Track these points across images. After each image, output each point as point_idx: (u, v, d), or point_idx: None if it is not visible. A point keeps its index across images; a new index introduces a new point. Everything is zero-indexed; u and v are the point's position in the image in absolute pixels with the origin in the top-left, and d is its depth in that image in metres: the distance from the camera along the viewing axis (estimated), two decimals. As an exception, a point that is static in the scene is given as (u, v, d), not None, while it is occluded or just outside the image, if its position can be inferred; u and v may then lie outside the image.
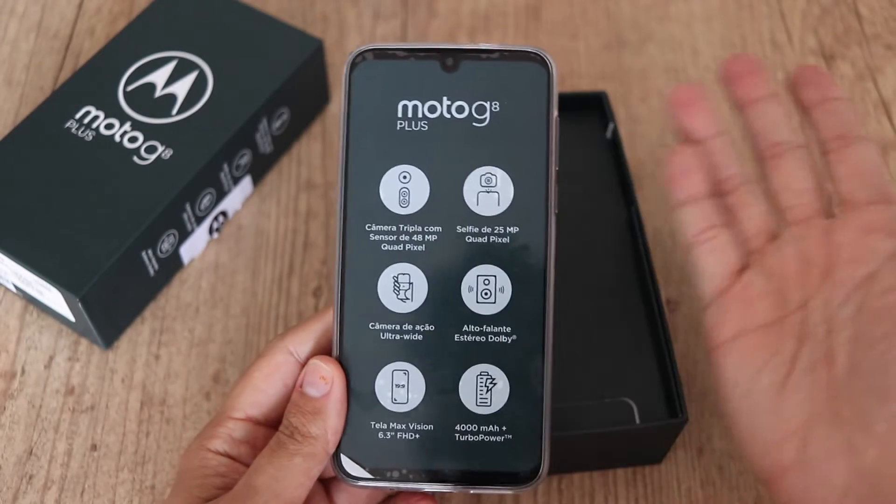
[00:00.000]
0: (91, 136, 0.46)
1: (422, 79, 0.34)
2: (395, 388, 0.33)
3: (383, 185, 0.34)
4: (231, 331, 0.46)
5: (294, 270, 0.48)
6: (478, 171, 0.33)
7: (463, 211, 0.33)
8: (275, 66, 0.49)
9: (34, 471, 0.42)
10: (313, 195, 0.51)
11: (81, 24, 0.58)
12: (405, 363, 0.33)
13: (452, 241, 0.33)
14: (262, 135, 0.49)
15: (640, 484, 0.42)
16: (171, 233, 0.45)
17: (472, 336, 0.33)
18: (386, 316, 0.33)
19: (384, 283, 0.33)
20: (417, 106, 0.34)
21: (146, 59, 0.49)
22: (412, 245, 0.34)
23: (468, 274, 0.33)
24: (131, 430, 0.43)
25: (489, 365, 0.33)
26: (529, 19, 0.58)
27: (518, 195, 0.33)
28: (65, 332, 0.46)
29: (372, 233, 0.34)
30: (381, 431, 0.33)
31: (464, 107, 0.34)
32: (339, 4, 0.59)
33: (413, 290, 0.33)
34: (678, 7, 0.59)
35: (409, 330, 0.33)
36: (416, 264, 0.33)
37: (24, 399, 0.44)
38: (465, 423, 0.33)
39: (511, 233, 0.33)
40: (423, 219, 0.34)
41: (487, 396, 0.33)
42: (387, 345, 0.33)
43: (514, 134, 0.34)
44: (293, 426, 0.33)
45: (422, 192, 0.34)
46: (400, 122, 0.34)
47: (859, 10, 0.59)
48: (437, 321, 0.33)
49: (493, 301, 0.33)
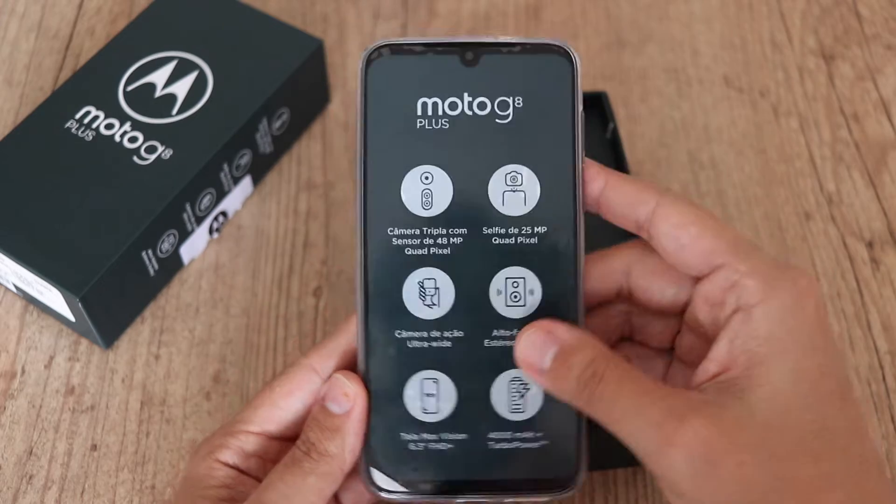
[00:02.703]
0: (91, 136, 0.46)
1: (441, 74, 0.32)
2: (425, 397, 0.32)
3: (405, 187, 0.32)
4: (231, 331, 0.46)
5: (294, 270, 0.48)
6: (503, 170, 0.32)
7: (488, 211, 0.32)
8: (275, 66, 0.49)
9: (34, 471, 0.42)
10: (313, 195, 0.51)
11: (81, 24, 0.58)
12: (434, 371, 0.32)
13: (479, 243, 0.32)
14: (263, 135, 0.49)
15: (640, 484, 0.42)
16: (172, 233, 0.45)
17: (503, 341, 0.32)
18: (413, 323, 0.32)
19: (409, 289, 0.32)
20: (438, 103, 0.32)
21: (146, 59, 0.49)
22: (437, 249, 0.32)
23: (496, 277, 0.32)
24: (131, 430, 0.43)
25: (516, 371, 0.32)
26: (529, 19, 0.58)
27: (545, 194, 0.32)
28: (65, 332, 0.46)
29: (394, 237, 0.32)
30: (412, 443, 0.32)
31: (486, 103, 0.32)
32: (339, 5, 0.59)
33: (440, 295, 0.32)
34: (678, 7, 0.59)
35: (437, 337, 0.32)
36: (442, 268, 0.32)
37: (24, 399, 0.44)
38: (499, 430, 0.32)
39: (539, 233, 0.32)
40: (447, 221, 0.32)
41: (521, 402, 0.32)
42: (415, 353, 0.32)
43: (538, 130, 0.32)
44: (311, 442, 0.32)
45: (445, 193, 0.32)
46: (420, 121, 0.32)
47: (859, 11, 0.59)
48: (466, 327, 0.32)
49: (524, 304, 0.32)
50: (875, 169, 0.52)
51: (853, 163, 0.52)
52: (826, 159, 0.52)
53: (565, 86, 0.32)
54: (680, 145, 0.53)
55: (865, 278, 0.48)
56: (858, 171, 0.52)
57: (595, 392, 0.30)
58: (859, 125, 0.54)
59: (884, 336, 0.46)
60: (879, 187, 0.51)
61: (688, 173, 0.51)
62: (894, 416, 0.44)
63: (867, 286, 0.48)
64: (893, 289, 0.47)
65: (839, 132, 0.53)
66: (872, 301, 0.47)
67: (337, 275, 0.48)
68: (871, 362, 0.45)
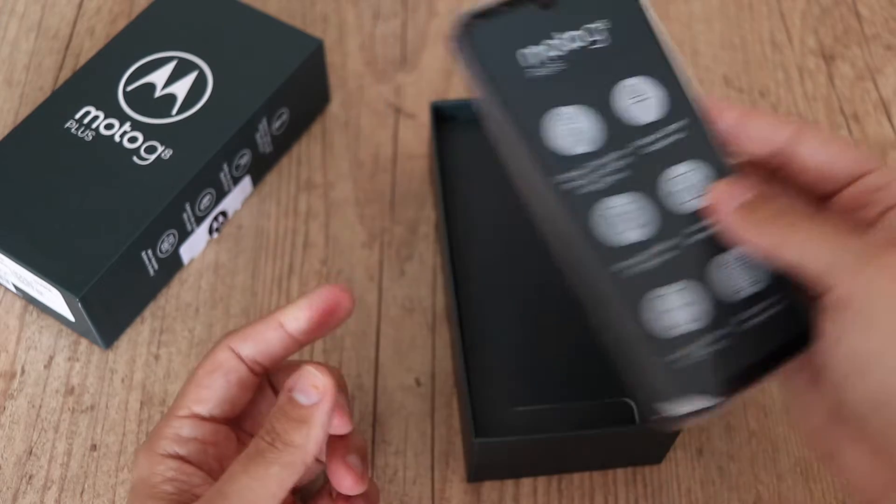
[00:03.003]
0: (91, 136, 0.46)
1: (528, 24, 0.34)
2: (666, 314, 0.32)
3: (550, 136, 0.33)
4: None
5: (294, 270, 0.48)
6: (622, 87, 0.34)
7: (630, 127, 0.34)
8: (275, 66, 0.49)
9: (34, 471, 0.42)
10: (313, 195, 0.51)
11: (81, 24, 0.58)
12: (662, 288, 0.32)
13: (638, 158, 0.34)
14: (262, 135, 0.49)
15: (639, 484, 0.42)
16: (171, 233, 0.45)
17: (701, 233, 0.33)
18: (619, 253, 0.33)
19: (599, 224, 0.33)
20: (537, 50, 0.33)
21: (146, 60, 0.49)
22: (606, 178, 0.33)
23: (664, 182, 0.34)
24: (131, 429, 0.43)
25: (727, 252, 0.33)
26: (529, 19, 0.58)
27: (667, 93, 0.34)
28: (65, 332, 0.46)
29: (565, 182, 0.33)
30: (677, 361, 0.32)
31: (578, 35, 0.34)
32: (338, 4, 0.59)
33: (630, 218, 0.33)
34: (678, 7, 0.59)
35: (647, 258, 0.33)
36: (619, 193, 0.33)
37: (23, 399, 0.44)
38: (744, 310, 0.33)
39: (679, 127, 0.34)
40: (603, 150, 0.33)
41: (747, 276, 0.33)
42: (636, 280, 0.32)
43: (630, 41, 0.35)
44: (276, 432, 0.32)
45: (587, 127, 0.33)
46: (529, 71, 0.33)
47: (859, 11, 0.59)
48: (666, 236, 0.33)
49: (701, 194, 0.33)
50: (875, 169, 0.52)
51: (853, 163, 0.52)
52: (826, 159, 0.52)
53: (636, 4, 0.35)
54: (680, 145, 0.53)
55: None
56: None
57: (784, 224, 0.31)
58: (859, 125, 0.54)
59: (884, 336, 0.46)
60: (879, 187, 0.51)
61: (688, 173, 0.51)
62: (894, 416, 0.44)
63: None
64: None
65: (839, 132, 0.53)
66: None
67: (337, 275, 0.48)
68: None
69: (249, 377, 0.36)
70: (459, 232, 0.45)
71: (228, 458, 0.35)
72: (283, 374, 0.38)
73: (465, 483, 0.42)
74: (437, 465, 0.42)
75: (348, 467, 0.35)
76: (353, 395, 0.44)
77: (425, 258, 0.49)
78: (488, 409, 0.40)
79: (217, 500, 0.31)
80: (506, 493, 0.42)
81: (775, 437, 0.43)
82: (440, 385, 0.45)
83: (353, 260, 0.48)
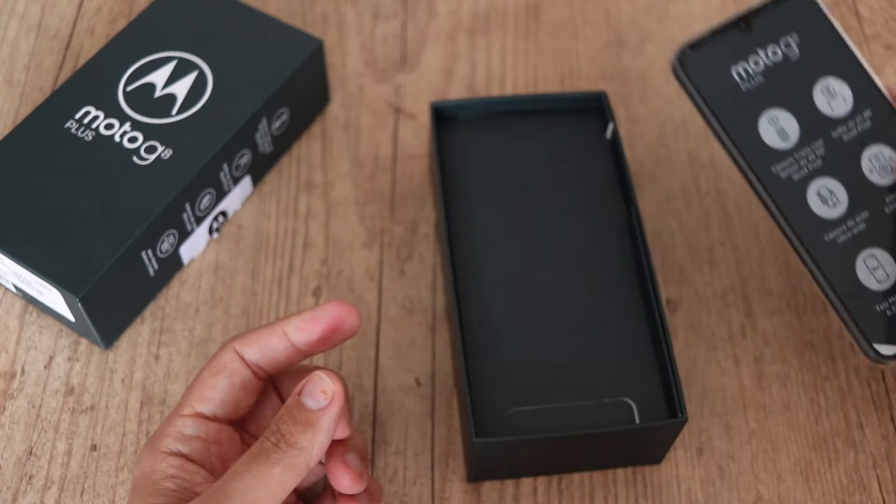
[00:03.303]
0: (91, 136, 0.46)
1: (735, 47, 0.41)
2: (874, 271, 0.40)
3: (764, 135, 0.41)
4: (231, 331, 0.46)
5: (294, 270, 0.48)
6: (818, 88, 0.41)
7: (828, 120, 0.41)
8: (275, 66, 0.49)
9: (34, 471, 0.42)
10: (313, 195, 0.51)
11: (81, 24, 0.58)
12: (868, 250, 0.40)
13: (837, 145, 0.41)
14: (262, 135, 0.49)
15: (639, 484, 0.42)
16: (171, 233, 0.46)
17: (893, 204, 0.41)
18: (830, 225, 0.41)
19: (814, 203, 0.41)
20: (745, 67, 0.41)
21: (146, 60, 0.49)
22: (812, 164, 0.41)
23: (863, 163, 0.41)
24: (131, 430, 0.43)
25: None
26: (529, 19, 0.58)
27: (853, 87, 0.41)
28: (65, 332, 0.46)
29: (781, 171, 0.41)
30: (886, 310, 0.40)
31: (775, 50, 0.41)
32: (338, 4, 0.59)
33: (836, 195, 0.41)
34: (678, 7, 0.59)
35: (852, 225, 0.41)
36: (826, 176, 0.41)
37: (23, 399, 0.44)
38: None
39: (868, 117, 0.41)
40: (806, 140, 0.41)
41: None
42: (845, 246, 0.40)
43: (818, 48, 0.42)
44: (281, 433, 0.33)
45: (792, 124, 0.41)
46: (742, 85, 0.41)
47: (859, 11, 0.59)
48: (867, 206, 0.41)
49: (892, 171, 0.41)
50: (875, 169, 0.52)
51: (853, 163, 0.52)
52: (826, 159, 0.52)
53: (820, 15, 0.42)
54: (680, 145, 0.53)
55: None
56: None
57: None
58: (859, 125, 0.54)
59: (883, 336, 0.46)
60: (879, 187, 0.51)
61: (688, 173, 0.51)
62: (894, 415, 0.44)
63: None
64: (893, 289, 0.48)
65: (839, 132, 0.53)
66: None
67: (336, 275, 0.48)
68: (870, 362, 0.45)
69: (253, 380, 0.36)
70: (459, 232, 0.45)
71: (231, 458, 0.35)
72: (289, 378, 0.38)
73: (465, 483, 0.42)
74: (437, 465, 0.42)
75: (347, 466, 0.36)
76: (353, 395, 0.44)
77: (425, 258, 0.49)
78: (488, 409, 0.40)
79: (218, 497, 0.31)
80: (506, 492, 0.42)
81: (775, 438, 0.43)
82: (440, 385, 0.45)
83: (353, 260, 0.48)
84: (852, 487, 0.42)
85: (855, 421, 0.44)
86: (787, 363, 0.45)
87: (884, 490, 0.42)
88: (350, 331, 0.36)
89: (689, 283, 0.48)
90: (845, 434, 0.44)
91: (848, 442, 0.43)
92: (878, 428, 0.44)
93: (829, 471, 0.43)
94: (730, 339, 0.46)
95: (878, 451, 0.43)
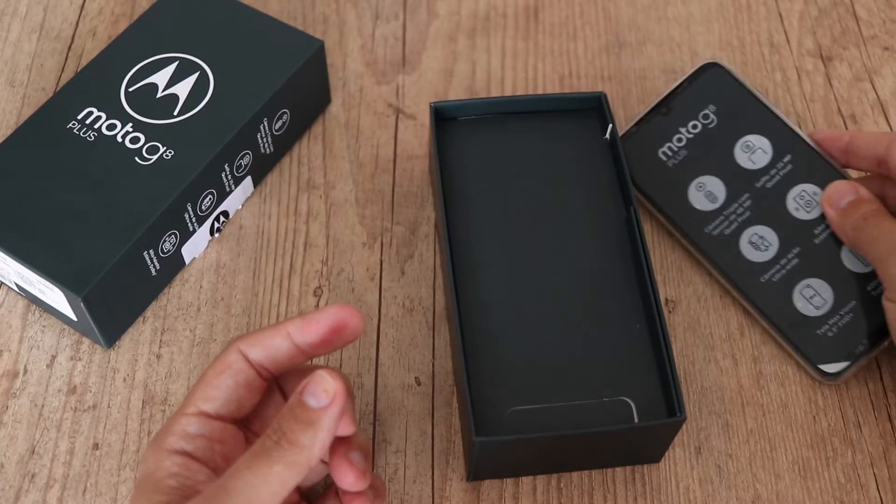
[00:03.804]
0: (93, 136, 0.46)
1: (659, 130, 0.48)
2: (811, 299, 0.44)
3: (694, 202, 0.47)
4: (232, 330, 0.46)
5: (295, 270, 0.48)
6: (738, 146, 0.47)
7: (751, 173, 0.47)
8: (276, 66, 0.49)
9: (36, 469, 0.42)
10: (314, 195, 0.51)
11: (83, 25, 0.58)
12: (804, 281, 0.45)
13: (762, 193, 0.46)
14: (263, 135, 0.49)
15: (638, 483, 0.42)
16: (173, 233, 0.46)
17: (822, 234, 0.45)
18: (765, 267, 0.45)
19: (747, 251, 0.46)
20: (669, 147, 0.48)
21: (148, 60, 0.49)
22: (741, 216, 0.46)
23: (788, 204, 0.46)
24: (133, 428, 0.43)
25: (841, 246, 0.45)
26: (529, 20, 0.58)
27: (771, 138, 0.47)
28: (67, 331, 0.46)
29: (713, 230, 0.46)
30: (826, 332, 0.44)
31: (695, 124, 0.48)
32: (339, 5, 0.59)
33: (766, 240, 0.46)
34: (677, 8, 0.59)
35: (785, 262, 0.45)
36: (755, 224, 0.46)
37: (26, 398, 0.44)
38: (868, 283, 0.44)
39: (788, 161, 0.47)
40: (733, 197, 0.47)
41: (860, 257, 0.45)
42: (781, 282, 0.45)
43: (736, 111, 0.48)
44: (282, 431, 0.33)
45: (719, 186, 0.47)
46: (669, 162, 0.48)
47: (857, 12, 0.59)
48: (797, 243, 0.45)
49: (817, 204, 0.46)
50: (873, 169, 0.52)
51: (851, 163, 0.52)
52: (824, 160, 0.52)
53: (731, 80, 0.49)
54: (678, 146, 0.53)
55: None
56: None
57: (869, 224, 0.43)
58: (857, 126, 0.54)
59: (881, 336, 0.46)
60: (877, 188, 0.51)
61: (686, 174, 0.52)
62: (892, 415, 0.44)
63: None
64: (891, 289, 0.48)
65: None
66: (870, 301, 0.47)
67: (337, 274, 0.48)
68: (868, 362, 0.45)
69: (257, 380, 0.36)
70: (459, 232, 0.45)
71: (235, 456, 0.35)
72: (293, 377, 0.39)
73: (464, 482, 0.42)
74: (437, 464, 0.43)
75: (350, 464, 0.36)
76: (354, 395, 0.44)
77: (425, 258, 0.49)
78: (488, 409, 0.40)
79: (219, 494, 0.31)
80: (506, 491, 0.42)
81: (773, 436, 0.44)
82: (440, 385, 0.45)
83: (353, 260, 0.49)
84: (850, 486, 0.42)
85: (853, 420, 0.44)
86: (786, 363, 0.46)
87: (881, 489, 0.42)
88: (353, 334, 0.36)
89: (688, 282, 0.48)
90: (843, 433, 0.44)
91: (845, 441, 0.44)
92: (876, 427, 0.44)
93: (826, 470, 0.43)
94: (728, 338, 0.46)
95: (875, 451, 0.43)
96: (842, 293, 0.44)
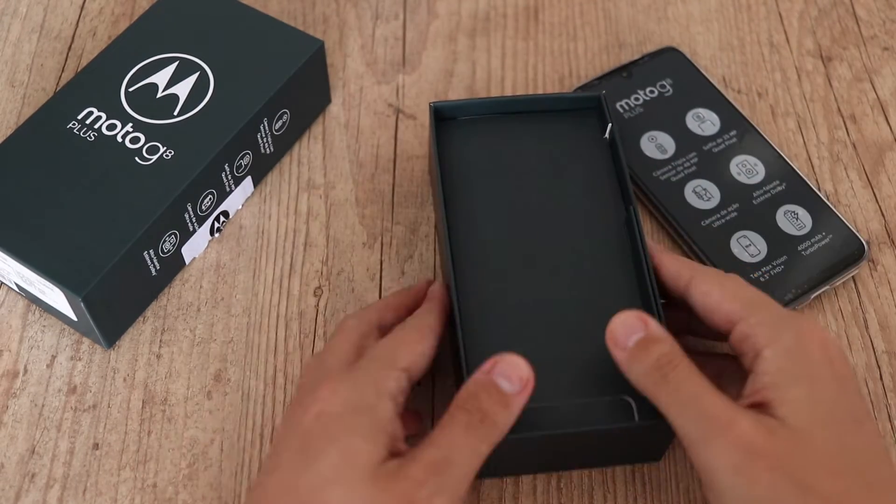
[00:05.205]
0: (93, 136, 0.46)
1: (618, 88, 0.53)
2: (747, 248, 0.48)
3: (645, 150, 0.51)
4: (232, 330, 0.46)
5: (295, 270, 0.48)
6: (689, 115, 0.53)
7: (700, 137, 0.52)
8: (276, 67, 0.49)
9: (36, 469, 0.42)
10: (314, 195, 0.51)
11: (83, 25, 0.58)
12: (740, 232, 0.48)
13: (708, 156, 0.51)
14: (263, 135, 0.49)
15: (638, 482, 0.42)
16: (173, 233, 0.46)
17: (763, 196, 0.50)
18: (706, 214, 0.49)
19: (691, 198, 0.50)
20: (626, 102, 0.53)
21: (148, 61, 0.49)
22: (687, 169, 0.50)
23: (731, 168, 0.51)
24: (133, 428, 0.43)
25: (792, 205, 0.49)
26: (529, 20, 0.59)
27: (720, 115, 0.53)
28: (67, 331, 0.46)
29: (661, 175, 0.50)
30: (759, 279, 0.47)
31: (652, 90, 0.53)
32: (339, 6, 0.59)
33: (709, 192, 0.50)
34: (676, 9, 0.59)
35: (724, 213, 0.49)
36: (700, 178, 0.50)
37: (26, 398, 0.44)
38: (800, 244, 0.48)
39: (734, 135, 0.52)
40: (681, 153, 0.51)
41: (797, 222, 0.49)
42: (720, 229, 0.49)
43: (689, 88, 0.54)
44: (484, 410, 0.35)
45: (669, 141, 0.51)
46: (625, 115, 0.53)
47: (857, 12, 0.59)
48: (737, 200, 0.49)
49: (756, 173, 0.50)
50: (872, 169, 0.52)
51: (850, 163, 0.52)
52: (824, 160, 0.52)
53: (689, 64, 0.55)
54: (678, 146, 0.53)
55: (862, 278, 0.48)
56: (856, 171, 0.52)
57: (665, 377, 0.36)
58: (857, 126, 0.54)
59: (881, 336, 0.46)
60: (877, 188, 0.51)
61: (686, 174, 0.52)
62: (891, 415, 0.44)
63: (864, 286, 0.48)
64: (890, 288, 0.48)
65: (837, 133, 0.54)
66: (870, 300, 0.47)
67: (337, 274, 0.48)
68: (868, 362, 0.45)
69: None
70: (459, 232, 0.45)
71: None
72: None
73: (465, 481, 0.42)
74: (437, 464, 0.43)
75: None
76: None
77: (425, 258, 0.49)
78: (488, 408, 0.40)
79: (443, 465, 0.34)
80: (505, 491, 0.42)
81: (773, 436, 0.44)
82: (440, 385, 0.45)
83: (353, 260, 0.49)
84: (850, 486, 0.42)
85: (852, 420, 0.44)
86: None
87: (881, 488, 0.42)
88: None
89: (688, 282, 0.48)
90: (843, 433, 0.44)
91: (845, 440, 0.44)
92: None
93: (826, 469, 0.43)
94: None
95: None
96: (775, 248, 0.48)
